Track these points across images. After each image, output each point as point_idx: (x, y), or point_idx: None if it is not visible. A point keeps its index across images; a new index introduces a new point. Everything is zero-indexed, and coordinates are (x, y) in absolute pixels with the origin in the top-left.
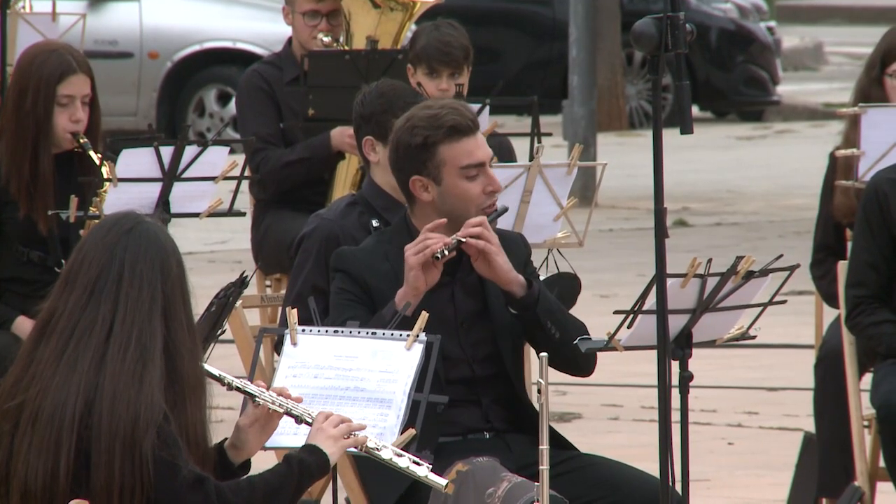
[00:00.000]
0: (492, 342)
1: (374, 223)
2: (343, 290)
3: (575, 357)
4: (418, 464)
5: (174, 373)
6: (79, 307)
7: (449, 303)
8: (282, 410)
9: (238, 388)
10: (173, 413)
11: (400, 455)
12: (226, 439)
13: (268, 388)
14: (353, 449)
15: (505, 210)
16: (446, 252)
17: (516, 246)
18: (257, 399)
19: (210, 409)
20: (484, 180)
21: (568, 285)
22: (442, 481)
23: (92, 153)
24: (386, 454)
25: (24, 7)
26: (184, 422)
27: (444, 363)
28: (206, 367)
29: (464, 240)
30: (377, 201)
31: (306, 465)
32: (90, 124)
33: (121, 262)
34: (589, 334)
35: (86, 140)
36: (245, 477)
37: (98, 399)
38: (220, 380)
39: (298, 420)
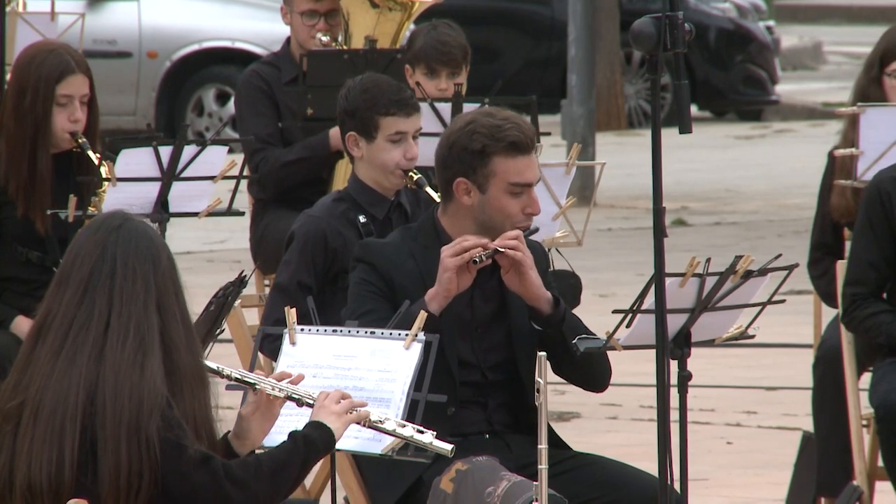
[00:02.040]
0: (505, 348)
1: (361, 219)
2: (366, 281)
3: (591, 374)
4: (422, 431)
5: (171, 365)
6: (73, 304)
7: (467, 307)
8: (282, 395)
9: (237, 379)
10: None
11: (403, 425)
12: (229, 431)
13: (267, 376)
14: (356, 447)
15: (536, 230)
16: (484, 258)
17: (536, 255)
18: (257, 386)
19: (217, 407)
20: (526, 200)
21: (568, 284)
22: (447, 447)
23: (90, 153)
24: (390, 426)
25: (18, 5)
26: (182, 412)
27: (458, 366)
28: (204, 361)
29: (501, 249)
30: (362, 197)
31: (311, 440)
32: (89, 124)
33: (112, 258)
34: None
35: (84, 140)
36: (252, 455)
37: (100, 388)
38: (217, 372)
39: (300, 403)
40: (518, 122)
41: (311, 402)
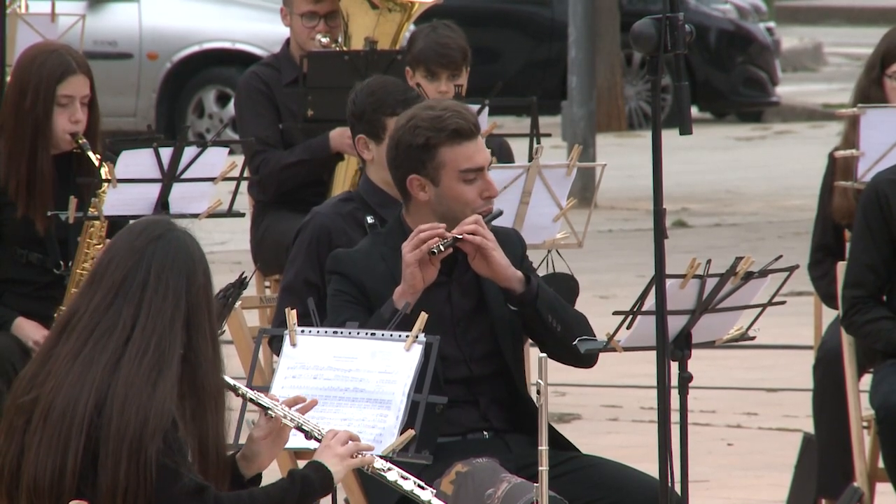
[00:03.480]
0: (489, 340)
1: (370, 219)
2: (340, 291)
3: (577, 350)
4: (423, 488)
5: (194, 383)
6: (101, 308)
7: (445, 302)
8: (292, 425)
9: (251, 400)
10: (193, 423)
11: (405, 478)
12: (236, 451)
13: (279, 401)
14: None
15: (500, 213)
16: (442, 248)
17: (511, 242)
18: (270, 412)
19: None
20: (481, 184)
21: (564, 286)
22: None
23: (91, 154)
24: (392, 476)
25: (20, 6)
26: (204, 432)
27: (442, 363)
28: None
29: (460, 237)
30: (373, 198)
31: (309, 481)
32: (89, 125)
33: (147, 268)
34: (590, 325)
35: (85, 141)
36: (247, 490)
37: (109, 400)
38: (234, 390)
39: (308, 436)
40: (458, 110)
41: (318, 436)
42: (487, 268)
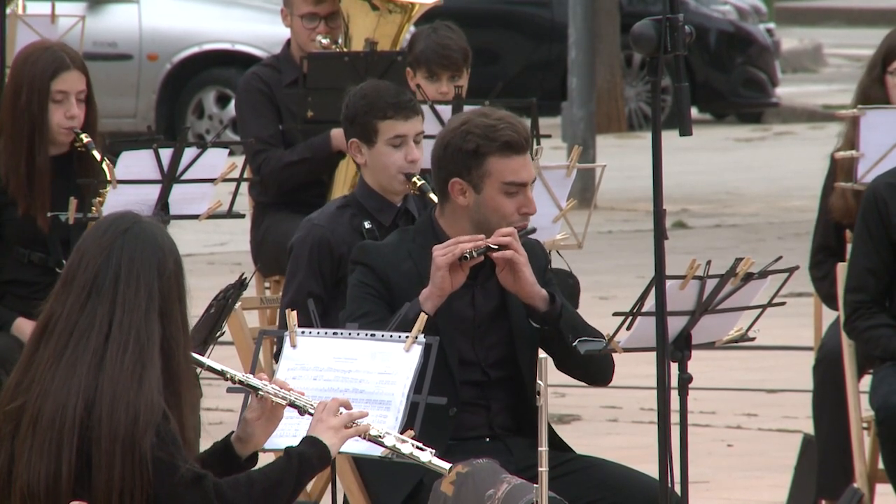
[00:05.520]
0: (506, 346)
1: (367, 224)
2: (363, 283)
3: (594, 368)
4: (421, 449)
5: (170, 371)
6: (77, 308)
7: (469, 305)
8: (285, 402)
9: (241, 382)
10: (171, 412)
11: (403, 441)
12: (232, 433)
13: (270, 381)
14: (357, 450)
15: (533, 231)
16: (474, 254)
17: (535, 253)
18: (260, 391)
19: (207, 410)
20: (522, 200)
21: (566, 284)
22: (445, 465)
23: (95, 153)
24: (389, 441)
25: (17, 7)
26: (179, 419)
27: (459, 365)
28: (209, 362)
29: (493, 246)
30: (369, 203)
31: (306, 457)
32: (87, 121)
33: (117, 263)
34: None
35: (90, 140)
36: (244, 473)
37: (98, 401)
38: (222, 374)
39: (301, 411)
40: (512, 122)
41: (311, 410)
42: (514, 283)
